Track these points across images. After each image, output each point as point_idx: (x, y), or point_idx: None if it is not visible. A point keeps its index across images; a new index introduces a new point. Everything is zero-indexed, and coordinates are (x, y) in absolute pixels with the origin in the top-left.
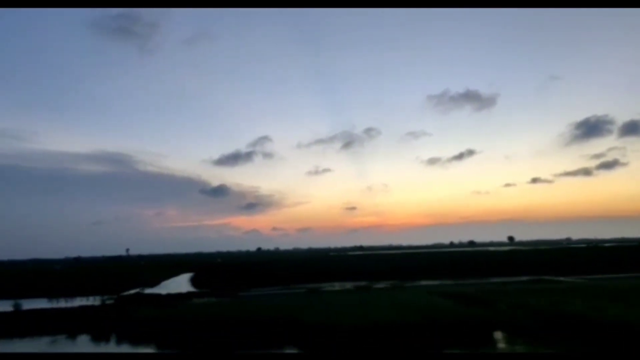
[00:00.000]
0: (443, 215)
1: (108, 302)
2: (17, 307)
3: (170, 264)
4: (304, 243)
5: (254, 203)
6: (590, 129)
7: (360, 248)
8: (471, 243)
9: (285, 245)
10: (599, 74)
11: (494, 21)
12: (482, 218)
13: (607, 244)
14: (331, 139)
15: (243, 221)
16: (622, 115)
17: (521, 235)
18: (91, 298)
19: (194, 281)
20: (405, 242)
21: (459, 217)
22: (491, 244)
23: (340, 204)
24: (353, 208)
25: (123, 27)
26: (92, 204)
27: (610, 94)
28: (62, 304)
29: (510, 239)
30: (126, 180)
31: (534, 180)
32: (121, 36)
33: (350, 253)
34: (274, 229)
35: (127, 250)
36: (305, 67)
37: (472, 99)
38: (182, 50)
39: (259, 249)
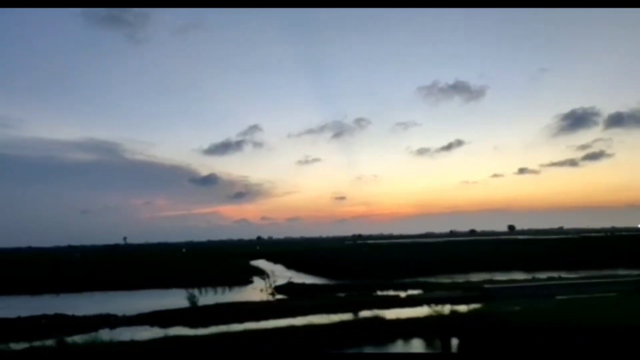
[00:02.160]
0: (432, 205)
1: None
2: (192, 300)
3: (208, 252)
4: (294, 232)
5: (243, 192)
6: (577, 120)
7: (359, 237)
8: (472, 232)
9: (275, 234)
10: (586, 67)
11: (484, 13)
12: (471, 208)
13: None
14: (321, 129)
15: (232, 210)
16: (608, 107)
17: (505, 225)
18: (223, 289)
19: (301, 271)
20: (395, 231)
21: (447, 207)
22: (491, 233)
23: (329, 194)
24: (342, 198)
25: (114, 16)
26: (79, 193)
27: (596, 86)
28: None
29: (511, 228)
30: (115, 168)
31: (521, 171)
32: (112, 24)
33: (371, 242)
34: (263, 218)
35: (125, 238)
36: (296, 57)
37: (462, 90)
38: (173, 39)
39: (258, 238)
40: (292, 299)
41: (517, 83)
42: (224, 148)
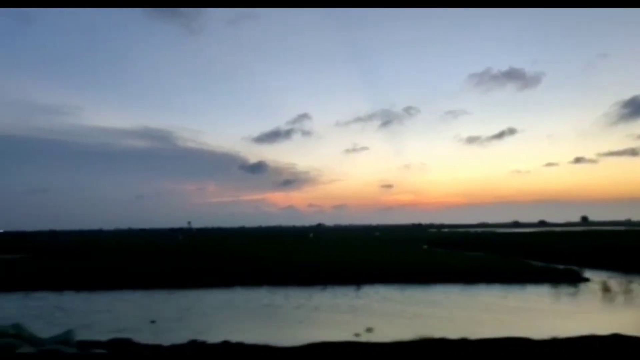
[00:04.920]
0: (481, 195)
1: None
2: None
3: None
4: (340, 220)
5: (290, 180)
6: (638, 107)
7: (419, 226)
8: (542, 223)
9: (322, 221)
10: None
11: None
12: (522, 198)
13: None
14: (370, 117)
15: (279, 197)
16: None
17: (566, 216)
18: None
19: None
20: (445, 220)
21: (498, 197)
22: (564, 224)
23: (376, 182)
24: (389, 186)
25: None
26: (134, 178)
27: None
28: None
29: (584, 219)
30: (167, 155)
31: (577, 160)
32: (168, 16)
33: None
34: (310, 205)
35: (189, 222)
36: (345, 45)
37: (516, 77)
38: (226, 29)
39: (319, 225)
40: None
41: (575, 69)
42: (273, 136)
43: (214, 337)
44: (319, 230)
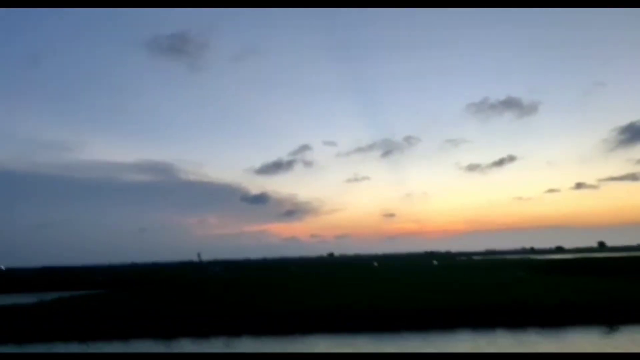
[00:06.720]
0: (484, 222)
1: None
2: None
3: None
4: (344, 249)
5: (292, 210)
6: (636, 133)
7: (431, 254)
8: (559, 249)
9: (324, 252)
10: None
11: (536, 25)
12: (526, 225)
13: None
14: (370, 147)
15: (282, 228)
16: None
17: (571, 242)
18: None
19: None
20: (450, 248)
21: (501, 224)
22: (580, 250)
23: (378, 211)
24: (391, 215)
25: (175, 47)
26: (137, 212)
27: None
28: None
29: (601, 244)
30: (169, 188)
31: (578, 186)
32: (172, 55)
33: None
34: (312, 235)
35: (199, 255)
36: (344, 77)
37: (513, 106)
38: (228, 65)
39: (330, 255)
40: None
41: (572, 97)
42: (274, 167)
43: None
44: (336, 260)
